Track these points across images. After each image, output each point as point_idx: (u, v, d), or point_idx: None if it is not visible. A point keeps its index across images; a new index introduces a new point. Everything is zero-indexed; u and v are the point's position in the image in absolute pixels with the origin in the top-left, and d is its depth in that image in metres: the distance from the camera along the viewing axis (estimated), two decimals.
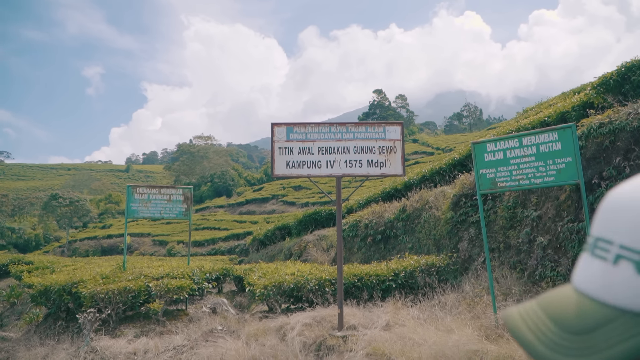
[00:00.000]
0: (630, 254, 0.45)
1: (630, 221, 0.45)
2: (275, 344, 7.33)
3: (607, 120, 7.75)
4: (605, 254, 0.48)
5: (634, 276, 0.44)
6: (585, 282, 0.49)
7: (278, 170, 8.20)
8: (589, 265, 0.50)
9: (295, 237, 20.19)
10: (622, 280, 0.45)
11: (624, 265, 0.45)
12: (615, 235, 0.47)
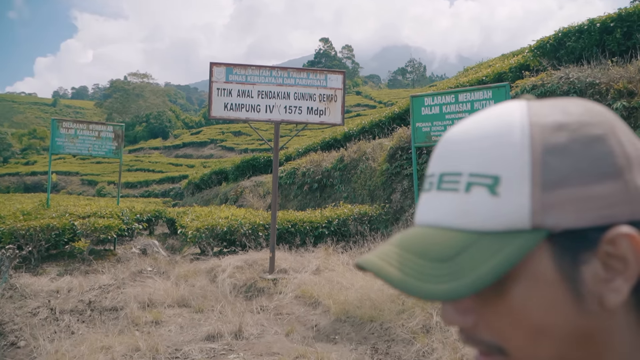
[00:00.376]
0: (481, 179, 0.47)
1: (476, 149, 0.49)
2: (205, 285, 7.35)
3: (540, 83, 8.04)
4: (455, 185, 0.49)
5: (489, 198, 0.47)
6: (437, 216, 0.50)
7: (215, 112, 7.99)
8: (436, 201, 0.51)
9: (232, 183, 20.03)
10: (477, 205, 0.47)
11: (477, 190, 0.48)
12: (463, 166, 0.49)
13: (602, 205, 0.46)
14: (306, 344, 5.13)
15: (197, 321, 5.93)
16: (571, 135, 0.47)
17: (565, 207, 0.45)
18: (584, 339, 0.47)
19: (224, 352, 4.98)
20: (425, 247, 0.48)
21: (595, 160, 0.46)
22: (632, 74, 6.96)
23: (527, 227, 0.46)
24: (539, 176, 0.46)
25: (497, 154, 0.47)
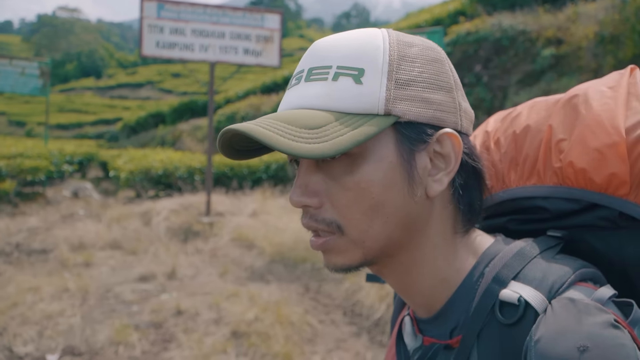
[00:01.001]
0: (348, 70, 0.56)
1: (346, 48, 0.58)
2: (139, 227, 7.26)
3: (474, 30, 8.17)
4: (324, 75, 0.57)
5: (353, 85, 0.56)
6: (306, 101, 0.57)
7: (147, 50, 7.64)
8: (304, 90, 0.58)
9: (170, 126, 19.50)
10: (343, 91, 0.56)
11: (344, 79, 0.56)
12: (332, 61, 0.57)
13: (437, 109, 0.57)
14: (239, 284, 5.22)
15: (129, 263, 5.88)
16: (420, 51, 0.59)
17: (410, 102, 0.56)
18: (408, 221, 0.58)
19: (156, 292, 4.99)
20: (297, 119, 0.55)
21: (435, 74, 0.58)
22: (561, 22, 7.19)
23: (381, 113, 0.55)
24: (393, 74, 0.56)
25: (363, 53, 0.57)
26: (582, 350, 0.46)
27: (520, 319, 0.53)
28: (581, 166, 0.60)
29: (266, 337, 3.86)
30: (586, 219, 0.62)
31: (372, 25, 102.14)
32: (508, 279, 0.56)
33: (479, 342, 0.56)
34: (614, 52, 5.87)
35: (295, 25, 78.88)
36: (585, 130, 0.60)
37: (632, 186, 0.58)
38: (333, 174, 0.57)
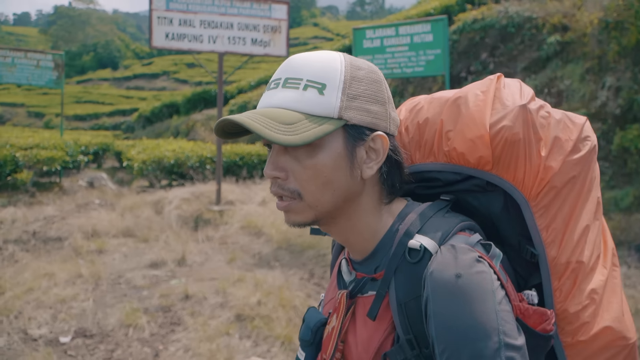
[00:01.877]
0: (314, 84, 0.78)
1: (313, 66, 0.80)
2: (151, 216, 7.45)
3: (480, 17, 8.15)
4: (296, 85, 0.79)
5: (317, 95, 0.78)
6: (282, 102, 0.79)
7: (156, 42, 7.79)
8: (281, 93, 0.80)
9: (184, 116, 19.70)
10: (310, 98, 0.78)
11: (311, 90, 0.78)
12: (304, 75, 0.79)
13: (374, 117, 0.81)
14: (246, 270, 5.38)
15: (141, 250, 6.08)
16: (365, 74, 0.81)
17: (356, 111, 0.79)
18: (348, 194, 0.81)
19: (166, 278, 5.17)
20: (276, 116, 0.76)
21: (375, 92, 0.82)
22: (567, 8, 7.14)
23: (335, 117, 0.78)
24: (346, 90, 0.79)
25: (326, 72, 0.79)
26: (458, 276, 0.71)
27: (421, 259, 0.77)
28: (461, 151, 0.85)
29: (269, 320, 4.01)
30: (465, 186, 0.87)
31: (387, 12, 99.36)
32: (413, 233, 0.80)
33: (396, 274, 0.79)
34: (618, 39, 5.85)
35: (310, 14, 78.47)
36: (464, 125, 0.85)
37: (494, 164, 0.83)
38: (297, 156, 0.79)
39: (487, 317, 0.68)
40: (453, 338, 0.69)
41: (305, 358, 0.88)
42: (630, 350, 0.84)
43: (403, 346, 0.76)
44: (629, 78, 5.65)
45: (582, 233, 0.83)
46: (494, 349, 0.67)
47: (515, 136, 0.81)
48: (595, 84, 6.09)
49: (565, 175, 0.83)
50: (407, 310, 0.76)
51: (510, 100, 0.84)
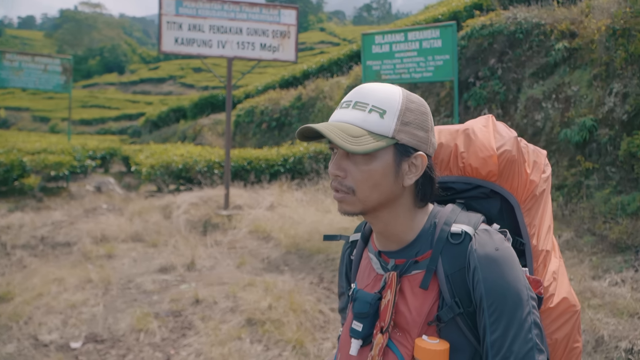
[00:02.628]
0: (377, 109, 1.00)
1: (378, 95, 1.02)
2: (160, 221, 7.48)
3: (489, 23, 8.15)
4: (363, 108, 1.01)
5: (379, 118, 1.00)
6: (351, 119, 1.01)
7: (166, 46, 7.84)
8: (351, 113, 1.02)
9: (191, 120, 19.75)
10: (373, 120, 0.99)
11: (374, 114, 1.00)
12: (370, 100, 1.01)
13: (419, 140, 1.02)
14: (255, 274, 5.38)
15: (150, 255, 6.09)
16: (416, 107, 1.03)
17: (406, 134, 1.00)
18: (391, 196, 1.02)
19: (176, 282, 5.19)
20: (346, 130, 0.98)
21: (422, 121, 1.03)
22: (575, 15, 7.13)
23: (390, 136, 0.99)
24: (401, 117, 1.00)
25: (387, 101, 1.00)
26: (497, 249, 0.98)
27: (463, 241, 1.01)
28: (475, 166, 1.13)
29: (279, 324, 4.01)
30: (473, 193, 1.15)
31: (394, 17, 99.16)
32: (451, 222, 1.04)
33: (442, 254, 1.01)
34: (625, 46, 5.83)
35: (317, 19, 78.63)
36: (476, 148, 1.13)
37: (498, 176, 1.12)
38: (356, 162, 1.01)
39: (520, 277, 0.97)
40: (499, 293, 0.95)
41: (363, 328, 1.05)
42: (578, 315, 1.15)
43: (452, 307, 0.98)
44: (636, 85, 5.63)
45: (548, 230, 1.16)
46: (526, 298, 0.96)
47: (513, 157, 1.12)
48: (603, 90, 6.08)
49: (540, 187, 1.15)
50: (452, 280, 0.99)
51: (505, 133, 1.16)
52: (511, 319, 0.94)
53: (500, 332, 0.94)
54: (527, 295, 0.96)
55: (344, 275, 1.28)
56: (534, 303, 0.97)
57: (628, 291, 3.92)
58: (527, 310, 0.95)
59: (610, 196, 5.56)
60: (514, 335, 0.94)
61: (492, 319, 0.95)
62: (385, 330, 1.02)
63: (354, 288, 1.13)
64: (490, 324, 0.95)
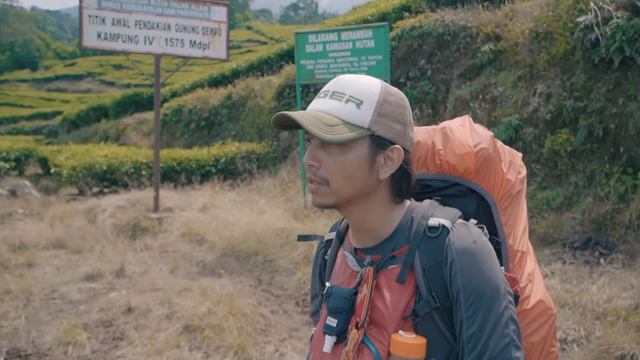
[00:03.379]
0: (354, 99, 0.99)
1: (356, 85, 1.00)
2: (84, 225, 7.08)
3: (418, 25, 8.37)
4: (340, 98, 1.00)
5: (355, 108, 0.98)
6: (327, 109, 0.99)
7: (88, 42, 7.42)
8: (328, 102, 1.00)
9: (113, 120, 18.89)
10: (349, 110, 0.98)
11: (350, 104, 0.99)
12: (347, 91, 1.00)
13: (395, 133, 1.01)
14: (191, 279, 5.20)
15: (75, 262, 5.74)
16: (395, 99, 1.02)
17: (382, 125, 0.99)
18: (365, 189, 1.01)
19: (104, 290, 4.91)
20: (321, 118, 0.96)
21: (399, 114, 1.02)
22: (499, 18, 7.47)
23: (366, 127, 0.98)
24: (378, 108, 0.99)
25: (365, 92, 0.99)
26: (474, 242, 0.97)
27: (440, 234, 0.99)
28: (452, 163, 1.11)
29: (219, 330, 3.89)
30: (450, 191, 1.14)
31: (321, 17, 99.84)
32: (428, 216, 1.02)
33: (419, 248, 1.00)
34: (548, 48, 6.18)
35: (243, 17, 77.74)
36: (454, 145, 1.12)
37: (475, 174, 1.11)
38: (331, 152, 0.99)
39: (497, 271, 0.97)
40: (477, 286, 0.94)
41: (337, 324, 1.02)
42: (555, 319, 1.16)
43: (429, 301, 0.97)
44: (558, 85, 5.98)
45: (523, 231, 1.16)
46: (503, 292, 0.96)
47: (490, 155, 1.12)
48: (527, 91, 6.41)
49: (516, 187, 1.15)
50: (429, 274, 0.98)
51: (482, 132, 1.16)
52: (488, 313, 0.93)
53: (476, 326, 0.93)
54: (505, 289, 0.96)
55: (318, 276, 1.24)
56: (511, 299, 0.97)
57: (558, 282, 4.14)
58: (504, 305, 0.94)
59: (536, 192, 5.86)
60: (490, 329, 0.92)
61: (468, 313, 0.94)
62: (360, 325, 1.00)
63: (328, 287, 1.10)
64: (467, 317, 0.94)
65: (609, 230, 4.95)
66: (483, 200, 1.13)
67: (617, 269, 4.34)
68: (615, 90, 5.47)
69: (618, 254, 4.49)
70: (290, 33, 57.82)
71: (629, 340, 3.12)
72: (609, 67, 5.51)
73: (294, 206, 7.56)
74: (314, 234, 3.14)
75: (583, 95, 5.72)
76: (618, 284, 3.96)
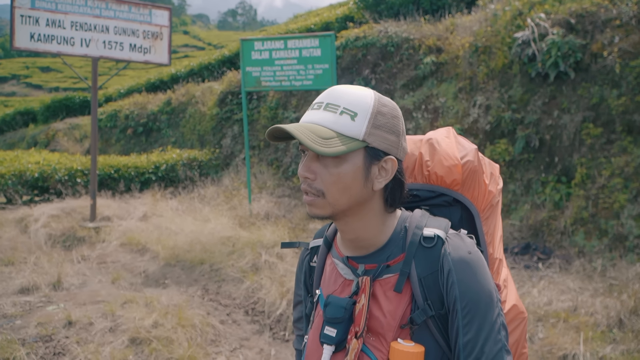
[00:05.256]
0: (348, 111, 1.00)
1: (350, 97, 1.01)
2: (15, 236, 6.67)
3: (362, 35, 8.54)
4: (334, 110, 1.00)
5: (350, 121, 0.99)
6: (322, 121, 1.00)
7: (20, 43, 7.04)
8: (322, 114, 1.01)
9: (42, 125, 17.95)
10: (344, 122, 0.99)
11: (345, 116, 1.00)
12: (341, 102, 1.00)
13: (389, 144, 1.02)
14: (134, 290, 5.02)
15: (7, 274, 5.39)
16: (388, 110, 1.03)
17: (376, 137, 1.00)
18: (360, 199, 1.02)
19: (41, 304, 4.64)
20: (316, 131, 0.97)
21: (393, 125, 1.03)
22: (441, 31, 7.76)
23: (360, 139, 0.99)
24: (372, 120, 1.00)
25: (359, 104, 1.00)
26: (469, 253, 1.00)
27: (435, 244, 1.01)
28: (441, 174, 1.15)
29: (168, 342, 3.77)
30: (437, 201, 1.17)
31: (259, 24, 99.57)
32: (422, 226, 1.04)
33: (415, 258, 1.02)
34: (486, 62, 6.48)
35: (180, 21, 76.30)
36: (441, 157, 1.16)
37: (461, 185, 1.15)
38: (326, 164, 1.00)
39: (490, 280, 1.01)
40: (473, 295, 0.97)
41: (337, 334, 1.03)
42: (525, 322, 1.22)
43: (424, 309, 0.99)
44: (497, 98, 6.28)
45: (499, 240, 1.23)
46: (496, 300, 0.99)
47: (475, 167, 1.16)
48: (468, 102, 6.68)
49: (496, 198, 1.21)
50: (425, 283, 1.00)
51: (466, 144, 1.20)
52: (483, 321, 0.97)
53: (472, 333, 0.96)
54: (497, 297, 1.00)
55: (303, 283, 1.25)
56: (501, 306, 1.01)
57: None
58: (497, 312, 0.98)
59: None
60: (485, 336, 0.96)
61: (465, 321, 0.97)
62: (360, 335, 1.02)
63: (319, 294, 1.13)
64: (464, 325, 0.97)
65: (545, 236, 5.23)
66: (467, 210, 1.17)
67: (554, 273, 4.59)
68: (551, 103, 5.81)
69: (555, 259, 4.76)
70: (228, 39, 57.40)
71: (569, 340, 3.30)
72: (545, 81, 5.85)
73: (239, 214, 7.47)
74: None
75: (520, 107, 6.04)
76: (557, 287, 4.19)
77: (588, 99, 5.57)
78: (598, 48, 5.61)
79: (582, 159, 5.46)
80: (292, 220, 7.21)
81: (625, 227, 4.79)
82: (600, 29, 5.71)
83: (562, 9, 6.02)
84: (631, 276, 4.33)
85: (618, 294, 4.07)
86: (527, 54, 5.84)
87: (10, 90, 45.15)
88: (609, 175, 5.16)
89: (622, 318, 3.65)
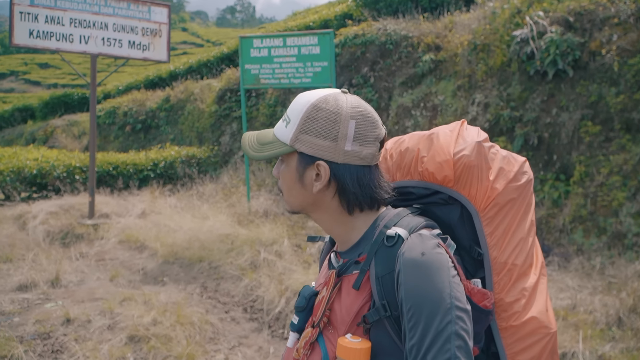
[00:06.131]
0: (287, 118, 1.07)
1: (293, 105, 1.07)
2: (13, 232, 6.67)
3: (361, 33, 8.54)
4: (283, 117, 1.08)
5: (284, 126, 1.06)
6: (275, 128, 1.10)
7: (19, 39, 7.04)
8: (279, 122, 1.09)
9: (41, 121, 17.92)
10: (280, 128, 1.07)
11: (283, 122, 1.07)
12: (289, 110, 1.07)
13: (318, 149, 1.03)
14: (132, 287, 5.02)
15: (5, 271, 5.40)
16: (325, 115, 1.03)
17: (303, 142, 1.04)
18: (310, 200, 1.07)
19: (39, 301, 4.65)
20: (261, 138, 1.10)
21: (326, 130, 1.02)
22: (439, 29, 7.75)
23: (289, 144, 1.04)
24: (300, 126, 1.03)
25: (295, 110, 1.05)
26: (422, 254, 0.95)
27: (395, 243, 1.00)
28: (431, 170, 1.11)
29: (167, 340, 3.77)
30: (433, 199, 1.13)
31: (258, 21, 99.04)
32: (391, 225, 1.04)
33: (376, 255, 1.02)
34: (485, 60, 6.48)
35: (179, 18, 76.05)
36: (434, 152, 1.11)
37: (455, 182, 1.10)
38: (282, 166, 1.09)
39: (442, 285, 0.93)
40: (416, 299, 0.93)
41: (299, 322, 1.09)
42: (551, 338, 1.10)
43: (378, 309, 0.98)
44: (496, 95, 6.28)
45: (518, 243, 1.09)
46: (447, 308, 0.92)
47: (472, 162, 1.08)
48: (466, 100, 6.68)
49: (507, 196, 1.09)
50: (383, 282, 0.99)
51: (470, 138, 1.13)
52: (427, 327, 0.91)
53: (416, 339, 0.92)
54: (450, 303, 0.92)
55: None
56: (461, 314, 0.92)
57: None
58: (448, 320, 0.91)
59: None
60: (429, 343, 0.90)
61: (410, 325, 0.93)
62: (316, 325, 1.05)
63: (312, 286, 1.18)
64: (409, 329, 0.93)
65: (544, 234, 5.24)
66: (467, 209, 1.11)
67: (553, 271, 4.60)
68: (549, 101, 5.81)
69: (554, 257, 4.76)
70: (227, 36, 57.24)
71: (569, 339, 3.31)
72: (543, 79, 5.85)
73: (237, 211, 7.46)
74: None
75: (519, 105, 6.04)
76: (555, 285, 4.20)
77: (586, 97, 5.58)
78: (596, 46, 5.61)
79: (581, 157, 5.47)
80: (290, 217, 7.22)
81: (624, 225, 4.80)
82: (599, 27, 5.71)
83: (560, 7, 6.02)
84: (630, 274, 4.34)
85: (617, 292, 4.07)
86: (526, 52, 5.84)
87: (9, 86, 45.03)
88: (607, 173, 5.17)
89: (621, 316, 3.66)
